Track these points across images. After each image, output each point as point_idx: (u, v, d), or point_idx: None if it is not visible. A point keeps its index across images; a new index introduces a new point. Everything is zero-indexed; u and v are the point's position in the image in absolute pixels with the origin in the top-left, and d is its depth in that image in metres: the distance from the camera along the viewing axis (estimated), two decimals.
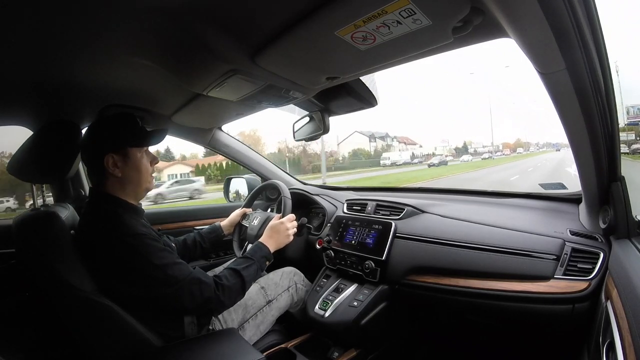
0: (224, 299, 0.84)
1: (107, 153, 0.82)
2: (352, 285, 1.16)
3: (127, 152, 0.85)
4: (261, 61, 0.75)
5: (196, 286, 0.80)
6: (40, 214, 0.83)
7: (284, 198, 1.22)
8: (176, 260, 0.82)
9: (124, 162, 0.85)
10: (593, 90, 0.60)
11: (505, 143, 60.86)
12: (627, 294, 0.53)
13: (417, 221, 1.14)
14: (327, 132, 1.29)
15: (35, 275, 0.78)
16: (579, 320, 0.75)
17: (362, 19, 0.56)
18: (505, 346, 1.13)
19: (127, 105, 1.11)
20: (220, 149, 1.61)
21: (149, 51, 0.75)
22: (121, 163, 0.84)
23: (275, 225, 1.08)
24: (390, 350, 1.16)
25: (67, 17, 0.57)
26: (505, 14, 0.53)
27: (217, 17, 0.62)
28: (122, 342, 0.77)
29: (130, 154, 0.86)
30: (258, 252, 0.99)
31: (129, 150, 0.86)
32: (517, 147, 55.65)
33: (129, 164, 0.86)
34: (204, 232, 1.25)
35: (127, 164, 0.85)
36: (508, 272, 0.86)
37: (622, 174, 0.71)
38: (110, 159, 0.83)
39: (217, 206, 1.75)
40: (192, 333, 0.88)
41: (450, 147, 49.34)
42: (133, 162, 0.86)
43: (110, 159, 0.83)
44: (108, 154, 0.82)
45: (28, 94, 0.91)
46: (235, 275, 0.89)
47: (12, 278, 1.02)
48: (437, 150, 45.10)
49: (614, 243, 0.75)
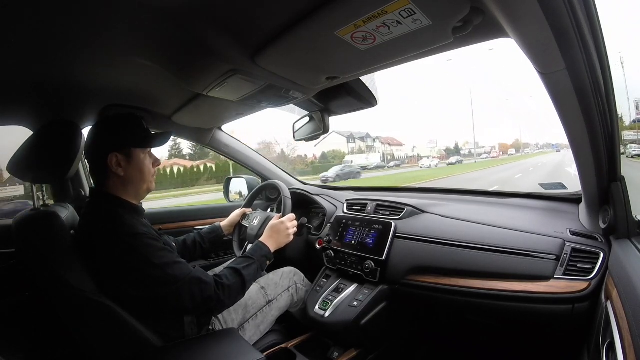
0: (224, 298, 0.84)
1: (111, 152, 0.83)
2: (352, 285, 1.16)
3: (130, 152, 0.86)
4: (261, 61, 0.75)
5: (196, 286, 0.80)
6: (40, 214, 0.83)
7: (284, 198, 1.22)
8: (176, 260, 0.82)
9: (127, 162, 0.85)
10: (593, 90, 0.60)
11: (502, 144, 59.46)
12: (627, 294, 0.53)
13: (417, 221, 1.15)
14: (327, 132, 1.29)
15: (35, 275, 0.78)
16: (579, 321, 0.75)
17: (362, 19, 0.56)
18: (505, 346, 1.13)
19: (127, 105, 1.11)
20: (220, 149, 1.61)
21: (149, 51, 0.75)
22: (124, 163, 0.85)
23: (275, 225, 1.08)
24: (390, 350, 1.16)
25: (67, 17, 0.57)
26: (505, 14, 0.53)
27: (217, 17, 0.62)
28: (122, 342, 0.77)
29: (133, 154, 0.86)
30: (258, 252, 0.99)
31: (133, 150, 0.86)
32: (509, 149, 53.65)
33: (132, 163, 0.86)
34: (204, 232, 1.26)
35: (130, 163, 0.86)
36: (508, 272, 0.86)
37: (622, 174, 0.71)
38: (114, 157, 0.83)
39: (217, 206, 1.75)
40: (192, 333, 0.88)
41: (438, 147, 45.79)
42: (136, 163, 0.87)
43: (114, 158, 0.83)
44: (112, 152, 0.83)
45: (28, 94, 0.91)
46: (235, 275, 0.89)
47: (12, 278, 1.02)
48: (421, 151, 40.74)
49: (614, 243, 0.75)
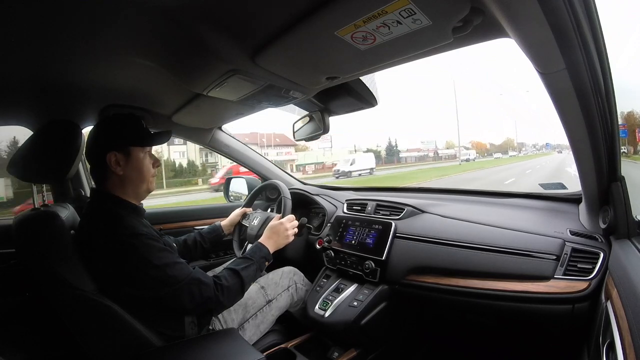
0: (223, 299, 0.84)
1: (110, 151, 0.83)
2: (352, 285, 1.16)
3: (129, 151, 0.86)
4: (261, 61, 0.75)
5: (196, 286, 0.80)
6: (40, 214, 0.83)
7: (284, 198, 1.22)
8: (176, 260, 0.82)
9: (126, 161, 0.85)
10: (593, 90, 0.60)
11: (477, 142, 55.34)
12: (627, 294, 0.53)
13: (417, 221, 1.14)
14: (327, 132, 1.29)
15: (35, 275, 0.77)
16: (579, 321, 0.75)
17: (362, 19, 0.56)
18: (505, 346, 1.13)
19: (127, 105, 1.11)
20: (220, 149, 1.61)
21: (149, 51, 0.75)
22: (123, 162, 0.85)
23: (274, 226, 1.08)
24: (390, 350, 1.16)
25: (67, 17, 0.57)
26: (505, 14, 0.53)
27: (217, 17, 0.62)
28: (122, 342, 0.77)
29: (132, 153, 0.86)
30: (257, 253, 0.99)
31: (132, 149, 0.86)
32: (496, 151, 50.96)
33: (131, 163, 0.86)
34: (204, 232, 1.26)
35: (129, 162, 0.86)
36: (508, 272, 0.86)
37: (622, 174, 0.71)
38: (113, 156, 0.83)
39: (217, 206, 1.75)
40: (192, 333, 0.88)
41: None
42: (135, 162, 0.87)
43: (112, 157, 0.83)
44: (111, 151, 0.83)
45: (28, 94, 0.91)
46: (234, 276, 0.89)
47: (12, 278, 1.02)
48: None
49: (614, 243, 0.75)
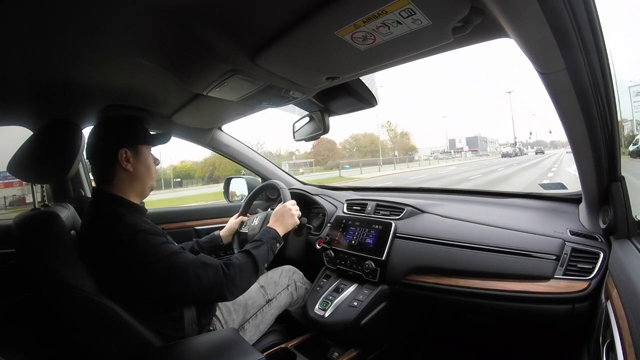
0: (235, 274, 0.82)
1: (122, 147, 0.85)
2: (352, 285, 1.16)
3: (138, 149, 0.89)
4: (261, 61, 0.75)
5: (202, 270, 0.79)
6: (40, 214, 0.83)
7: (282, 189, 1.22)
8: (178, 250, 0.81)
9: (136, 158, 0.88)
10: (593, 90, 0.60)
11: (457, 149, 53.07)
12: (627, 294, 0.53)
13: (417, 221, 1.14)
14: (327, 132, 1.29)
15: (35, 275, 0.78)
16: (579, 321, 0.75)
17: (362, 19, 0.56)
18: (505, 346, 1.13)
19: (128, 105, 1.11)
20: (220, 149, 1.61)
21: (149, 51, 0.75)
22: (133, 159, 0.87)
23: (278, 210, 1.09)
24: (390, 350, 1.16)
25: (67, 17, 0.57)
26: (505, 14, 0.53)
27: (217, 17, 0.62)
28: (122, 342, 0.77)
29: (141, 151, 0.89)
30: (266, 235, 0.98)
31: (140, 147, 0.90)
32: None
33: (140, 160, 0.89)
34: (203, 242, 1.24)
35: (139, 159, 0.89)
36: (508, 272, 0.86)
37: (622, 174, 0.71)
38: (124, 153, 0.85)
39: (218, 206, 1.76)
40: (192, 333, 0.88)
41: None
42: (144, 159, 0.90)
43: (124, 154, 0.85)
44: (122, 148, 0.85)
45: (28, 94, 0.91)
46: (245, 255, 0.88)
47: (12, 278, 1.02)
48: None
49: (614, 243, 0.75)
